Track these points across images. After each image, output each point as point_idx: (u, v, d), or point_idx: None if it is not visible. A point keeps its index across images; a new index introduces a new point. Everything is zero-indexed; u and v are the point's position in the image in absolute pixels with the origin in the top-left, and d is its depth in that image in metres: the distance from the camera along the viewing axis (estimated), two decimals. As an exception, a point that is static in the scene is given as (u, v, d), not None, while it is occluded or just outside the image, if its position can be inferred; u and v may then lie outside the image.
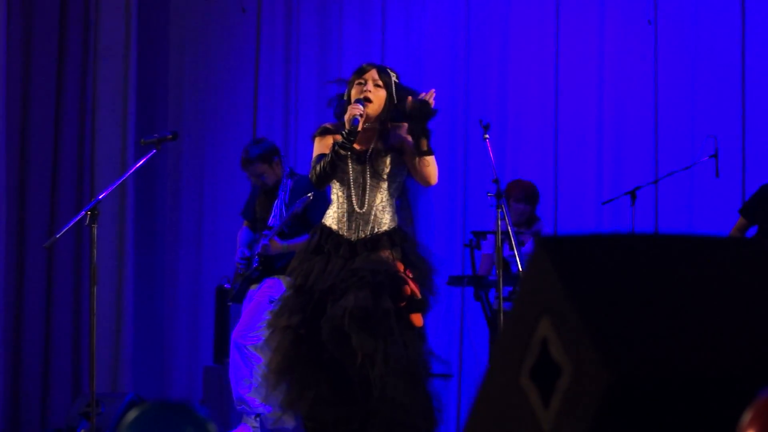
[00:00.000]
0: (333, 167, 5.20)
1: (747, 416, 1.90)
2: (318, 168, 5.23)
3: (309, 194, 6.71)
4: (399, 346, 5.08)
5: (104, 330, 8.52)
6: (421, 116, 5.20)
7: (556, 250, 2.16)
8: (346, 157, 5.21)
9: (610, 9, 8.67)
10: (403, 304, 5.15)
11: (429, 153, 5.24)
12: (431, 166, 5.28)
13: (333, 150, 5.18)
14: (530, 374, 2.14)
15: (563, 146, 8.70)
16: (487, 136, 6.35)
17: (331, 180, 5.29)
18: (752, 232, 7.09)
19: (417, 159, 5.24)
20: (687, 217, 8.35)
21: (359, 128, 5.16)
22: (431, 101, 5.21)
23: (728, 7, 8.39)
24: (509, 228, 6.30)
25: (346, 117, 5.19)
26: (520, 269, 6.60)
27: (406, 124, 5.33)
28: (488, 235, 7.67)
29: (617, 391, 1.98)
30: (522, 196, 7.80)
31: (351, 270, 5.15)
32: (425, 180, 5.31)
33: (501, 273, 6.39)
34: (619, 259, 2.19)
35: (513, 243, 6.43)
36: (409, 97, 5.24)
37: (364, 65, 5.42)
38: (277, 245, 7.04)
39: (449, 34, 9.01)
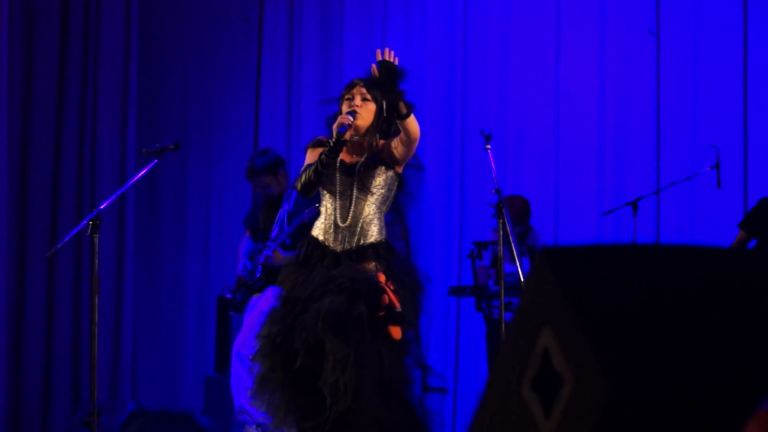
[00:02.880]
0: (318, 176, 5.23)
1: (748, 428, 1.89)
2: (303, 176, 5.26)
3: (317, 204, 6.71)
4: (373, 355, 5.06)
5: (103, 340, 8.51)
6: (392, 80, 5.11)
7: (557, 260, 2.16)
8: (331, 166, 5.23)
9: (612, 18, 8.68)
10: (381, 314, 5.12)
11: (408, 114, 5.15)
12: (412, 123, 5.19)
13: (319, 158, 5.20)
14: (532, 385, 2.13)
15: (564, 156, 8.70)
16: (488, 146, 6.35)
17: (316, 188, 5.31)
18: (752, 245, 7.09)
19: (400, 124, 5.17)
20: (688, 228, 8.35)
21: (345, 137, 5.17)
22: (393, 59, 5.14)
23: (730, 17, 8.39)
24: (511, 238, 6.30)
25: (334, 126, 5.22)
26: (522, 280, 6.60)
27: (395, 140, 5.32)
28: (489, 246, 7.67)
29: (619, 401, 1.98)
30: (514, 218, 7.72)
31: (330, 276, 5.15)
32: (412, 138, 5.22)
33: (502, 283, 6.38)
34: (621, 269, 2.19)
35: (514, 254, 6.42)
36: (373, 65, 5.16)
37: (353, 80, 5.44)
38: (280, 257, 7.02)
39: (449, 45, 9.01)
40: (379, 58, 5.12)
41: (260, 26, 9.46)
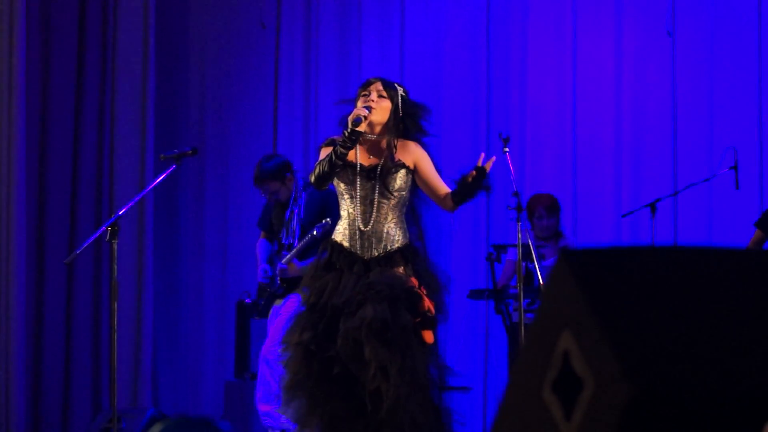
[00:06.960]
0: (332, 167, 5.19)
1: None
2: (318, 168, 5.22)
3: (327, 219, 6.69)
4: (415, 361, 5.08)
5: (124, 345, 8.52)
6: (478, 186, 5.19)
7: (577, 263, 2.16)
8: (346, 156, 5.21)
9: (628, 20, 8.67)
10: (417, 319, 5.14)
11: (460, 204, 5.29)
12: (454, 208, 5.34)
13: (334, 150, 5.18)
14: (552, 387, 2.13)
15: (582, 159, 8.70)
16: (506, 149, 6.35)
17: (330, 181, 5.26)
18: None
19: (452, 203, 5.27)
20: (706, 229, 8.33)
21: (360, 128, 5.16)
22: (488, 168, 5.20)
23: (746, 18, 8.38)
24: (530, 241, 6.31)
25: (350, 117, 5.20)
26: (541, 282, 6.60)
27: (412, 142, 5.35)
28: (509, 249, 7.66)
29: (639, 405, 1.98)
30: (544, 213, 7.80)
31: (367, 284, 5.13)
32: (447, 210, 5.37)
33: (522, 286, 6.38)
34: (641, 271, 2.19)
35: (534, 256, 6.43)
36: (473, 173, 5.18)
37: (370, 78, 5.44)
38: (295, 268, 7.02)
39: (468, 50, 9.01)
40: (480, 164, 5.13)
41: (278, 32, 9.46)
